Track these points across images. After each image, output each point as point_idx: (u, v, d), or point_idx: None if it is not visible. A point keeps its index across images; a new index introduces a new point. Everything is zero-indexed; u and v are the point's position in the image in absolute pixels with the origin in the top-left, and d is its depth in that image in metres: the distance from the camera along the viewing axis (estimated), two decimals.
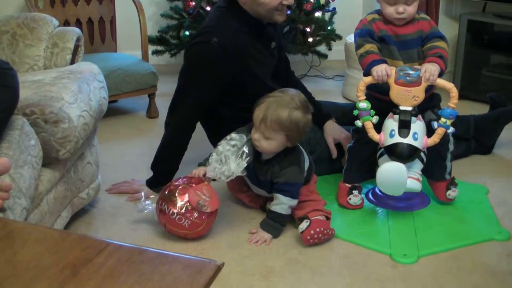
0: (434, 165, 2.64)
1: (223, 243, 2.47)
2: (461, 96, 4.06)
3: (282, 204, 2.47)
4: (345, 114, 2.91)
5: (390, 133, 2.42)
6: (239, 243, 2.47)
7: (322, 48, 4.58)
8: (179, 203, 2.40)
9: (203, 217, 2.41)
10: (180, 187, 2.44)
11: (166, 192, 2.44)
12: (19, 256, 1.30)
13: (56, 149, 2.22)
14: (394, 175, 2.42)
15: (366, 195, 2.77)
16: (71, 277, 1.21)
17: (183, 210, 2.39)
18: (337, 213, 2.66)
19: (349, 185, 2.68)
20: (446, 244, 2.44)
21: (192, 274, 1.21)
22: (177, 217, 2.39)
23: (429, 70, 2.37)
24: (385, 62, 2.44)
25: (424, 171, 2.66)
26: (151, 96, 3.86)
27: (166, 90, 4.26)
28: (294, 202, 2.49)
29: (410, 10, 2.47)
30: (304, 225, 2.41)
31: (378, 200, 2.69)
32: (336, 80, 4.62)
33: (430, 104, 2.58)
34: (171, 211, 2.40)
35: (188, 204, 2.39)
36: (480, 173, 3.06)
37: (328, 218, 2.52)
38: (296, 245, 2.45)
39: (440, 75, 2.40)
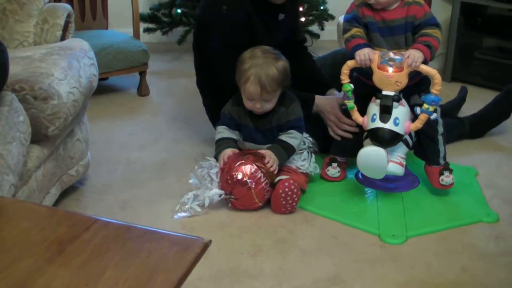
0: (427, 148, 2.64)
1: (212, 221, 2.47)
2: (453, 79, 4.07)
3: (296, 138, 2.58)
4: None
5: (372, 117, 2.42)
6: (228, 221, 2.47)
7: (314, 28, 4.56)
8: (268, 172, 2.49)
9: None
10: (257, 156, 2.52)
11: (260, 161, 2.49)
12: (5, 232, 1.30)
13: (45, 125, 2.21)
14: (374, 159, 2.42)
15: (356, 175, 2.78)
16: (57, 253, 1.21)
17: (268, 180, 2.50)
18: (325, 193, 2.67)
19: (331, 157, 2.75)
20: (434, 225, 2.45)
21: (179, 251, 1.21)
22: (267, 188, 2.49)
23: (412, 56, 2.36)
24: (369, 46, 2.44)
25: (419, 155, 2.68)
26: (142, 74, 3.84)
27: (157, 68, 4.25)
28: (302, 139, 2.63)
29: None
30: (280, 177, 2.50)
31: (367, 180, 2.70)
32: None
33: (418, 89, 2.56)
34: (265, 181, 2.48)
35: (266, 174, 2.49)
36: (470, 155, 3.07)
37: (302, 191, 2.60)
38: (285, 224, 2.46)
39: (424, 62, 2.38)
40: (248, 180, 2.45)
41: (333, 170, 2.74)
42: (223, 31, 2.69)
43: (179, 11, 4.33)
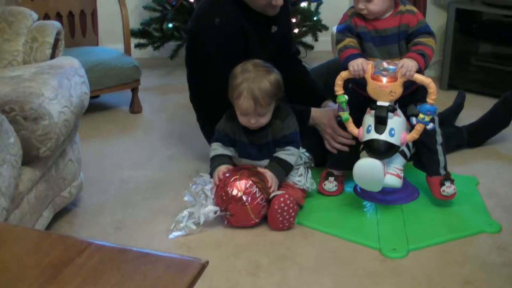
0: (426, 159, 2.64)
1: (209, 240, 2.47)
2: (450, 86, 4.09)
3: (293, 155, 2.58)
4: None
5: (367, 128, 2.43)
6: (225, 240, 2.47)
7: (308, 39, 4.58)
8: (264, 188, 2.49)
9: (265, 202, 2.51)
10: (252, 171, 2.53)
11: (255, 177, 2.50)
12: None
13: (36, 146, 2.21)
14: (370, 171, 2.43)
15: (354, 188, 2.78)
16: (51, 278, 1.21)
17: (264, 195, 2.49)
18: (323, 208, 2.67)
19: (327, 171, 2.75)
20: (436, 237, 2.45)
21: (176, 274, 1.21)
22: (263, 203, 2.49)
23: (406, 65, 2.36)
24: (362, 56, 2.45)
25: (419, 166, 2.69)
26: (134, 90, 3.85)
27: (149, 84, 4.25)
28: (299, 154, 2.64)
29: (371, 7, 2.44)
30: (275, 193, 2.50)
31: (366, 193, 2.70)
32: None
33: (413, 98, 2.56)
34: (260, 196, 2.48)
35: (261, 189, 2.49)
36: (469, 164, 3.07)
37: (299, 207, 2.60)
38: (283, 241, 2.45)
39: (419, 71, 2.39)
40: (243, 196, 2.45)
41: (330, 184, 2.74)
42: (216, 44, 2.70)
43: (170, 25, 4.35)
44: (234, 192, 2.45)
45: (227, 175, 2.51)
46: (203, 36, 2.75)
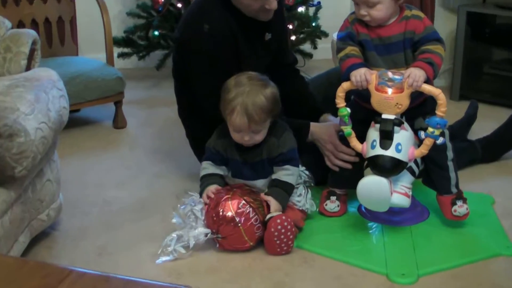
0: (436, 176, 2.65)
1: (201, 266, 2.47)
2: (461, 96, 4.11)
3: (293, 175, 2.59)
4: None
5: (371, 144, 2.44)
6: (218, 265, 2.47)
7: (306, 47, 4.60)
8: (258, 207, 2.51)
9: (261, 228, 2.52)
10: (245, 190, 2.57)
11: (249, 196, 2.52)
12: None
13: (11, 166, 2.21)
14: (375, 190, 2.43)
15: (358, 208, 2.79)
16: None
17: (259, 216, 2.50)
18: (325, 230, 2.67)
19: (329, 190, 2.76)
20: (448, 261, 2.45)
21: None
22: (257, 224, 2.49)
23: (413, 75, 2.36)
24: (365, 66, 2.45)
25: (428, 184, 2.69)
26: (118, 104, 3.86)
27: (134, 97, 4.27)
28: (298, 173, 2.65)
29: (374, 14, 2.46)
30: (271, 214, 2.51)
31: (371, 213, 2.71)
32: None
33: (422, 110, 2.57)
34: (254, 217, 2.48)
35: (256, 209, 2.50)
36: (484, 181, 3.08)
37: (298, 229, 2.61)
38: (282, 266, 2.45)
39: (427, 82, 2.39)
40: (235, 216, 2.46)
41: (332, 204, 2.74)
42: (206, 52, 2.71)
43: (156, 33, 4.37)
44: (226, 213, 2.46)
45: (220, 194, 2.52)
46: (192, 44, 2.76)
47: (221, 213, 2.46)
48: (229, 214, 2.46)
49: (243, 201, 2.48)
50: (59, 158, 2.74)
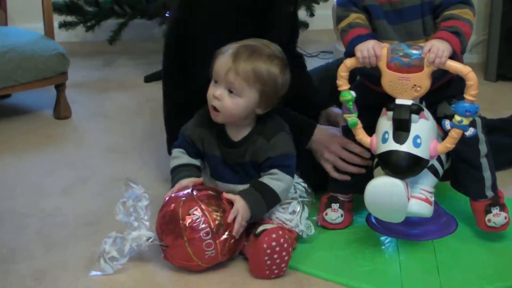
0: (465, 177, 2.66)
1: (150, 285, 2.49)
2: (500, 76, 4.10)
3: (281, 181, 2.54)
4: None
5: (383, 136, 2.43)
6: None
7: (301, 14, 4.62)
8: (218, 218, 2.47)
9: (226, 244, 2.49)
10: (210, 193, 2.54)
11: (213, 200, 2.50)
12: None
13: None
14: (388, 195, 2.42)
15: (367, 218, 2.81)
16: None
17: (216, 230, 2.46)
18: (325, 246, 2.68)
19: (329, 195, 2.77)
20: (479, 285, 2.47)
21: None
22: (207, 240, 2.45)
23: (435, 49, 2.34)
24: (374, 37, 2.45)
25: (457, 187, 2.71)
26: (60, 87, 3.85)
27: (81, 78, 4.26)
28: (290, 184, 2.60)
29: None
30: (265, 226, 2.49)
31: (383, 225, 2.73)
32: (321, 58, 4.67)
33: (446, 94, 2.58)
34: (205, 231, 2.45)
35: (220, 221, 2.47)
36: None
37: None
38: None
39: (453, 57, 2.38)
40: (180, 223, 2.44)
41: (334, 214, 2.75)
42: (218, 15, 2.81)
43: None
44: (171, 216, 2.46)
45: (182, 192, 2.52)
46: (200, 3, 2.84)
47: (167, 217, 2.47)
48: (175, 219, 2.45)
49: (197, 207, 2.46)
50: None
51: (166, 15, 4.31)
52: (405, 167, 2.40)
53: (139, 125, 3.32)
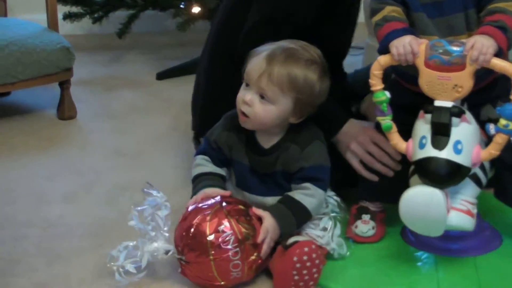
0: (508, 185, 2.67)
1: None
2: None
3: (313, 197, 2.55)
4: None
5: (420, 141, 2.43)
6: None
7: None
8: (249, 238, 2.46)
9: (253, 265, 2.49)
10: (240, 208, 2.53)
11: (243, 217, 2.49)
12: None
13: None
14: (425, 206, 2.41)
15: (402, 231, 2.81)
16: None
17: (246, 250, 2.46)
18: (356, 262, 2.68)
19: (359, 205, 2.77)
20: None
21: None
22: (235, 261, 2.44)
23: (479, 45, 2.34)
24: (411, 32, 2.44)
25: (502, 198, 2.71)
26: (64, 85, 3.87)
27: (87, 75, 4.27)
28: (323, 200, 2.61)
29: None
30: (297, 238, 2.48)
31: (420, 239, 2.72)
32: (352, 55, 4.64)
33: (491, 95, 2.58)
34: (234, 251, 2.43)
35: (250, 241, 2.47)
36: None
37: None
38: None
39: (498, 54, 2.37)
40: (208, 241, 2.42)
41: (365, 226, 2.75)
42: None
43: None
44: (197, 232, 2.45)
45: (207, 203, 2.51)
46: None
47: (192, 230, 2.45)
48: (201, 235, 2.44)
49: (227, 224, 2.45)
50: None
51: (181, 6, 4.31)
52: (445, 175, 2.39)
53: (150, 127, 3.32)
